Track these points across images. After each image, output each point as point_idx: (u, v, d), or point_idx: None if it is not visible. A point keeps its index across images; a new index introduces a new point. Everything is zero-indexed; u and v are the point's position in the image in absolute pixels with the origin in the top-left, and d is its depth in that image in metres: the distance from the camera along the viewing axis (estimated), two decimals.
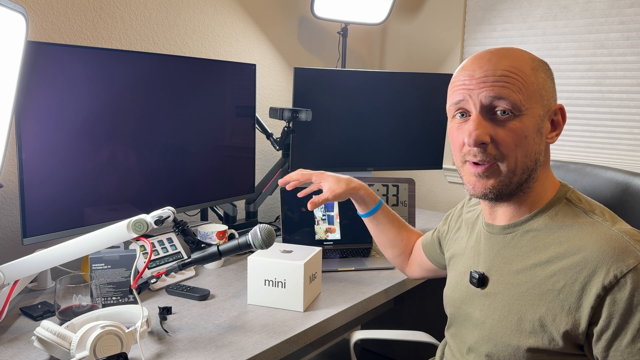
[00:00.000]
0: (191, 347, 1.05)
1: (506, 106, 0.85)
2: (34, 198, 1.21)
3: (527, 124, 0.86)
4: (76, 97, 1.27)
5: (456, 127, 0.91)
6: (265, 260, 1.24)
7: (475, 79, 0.87)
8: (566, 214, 0.89)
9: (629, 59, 1.99)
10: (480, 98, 0.86)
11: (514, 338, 0.88)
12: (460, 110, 0.90)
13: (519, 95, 0.85)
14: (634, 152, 2.01)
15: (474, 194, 0.91)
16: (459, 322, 1.03)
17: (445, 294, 1.09)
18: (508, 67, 0.86)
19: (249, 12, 2.06)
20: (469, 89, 0.87)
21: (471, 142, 0.86)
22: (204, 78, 1.58)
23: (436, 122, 2.11)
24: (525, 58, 0.88)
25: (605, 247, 0.81)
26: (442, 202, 2.56)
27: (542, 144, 0.89)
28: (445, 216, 1.23)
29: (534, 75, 0.87)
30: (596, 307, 0.80)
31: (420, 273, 1.33)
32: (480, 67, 0.88)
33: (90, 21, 1.56)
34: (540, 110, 0.87)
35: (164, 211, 1.10)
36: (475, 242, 1.02)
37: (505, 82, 0.85)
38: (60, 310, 1.11)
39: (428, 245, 1.26)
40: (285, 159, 1.94)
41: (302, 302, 1.22)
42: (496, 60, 0.87)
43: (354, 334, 1.44)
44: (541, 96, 0.87)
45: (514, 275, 0.90)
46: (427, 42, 2.52)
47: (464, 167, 0.91)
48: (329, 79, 1.93)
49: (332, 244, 1.69)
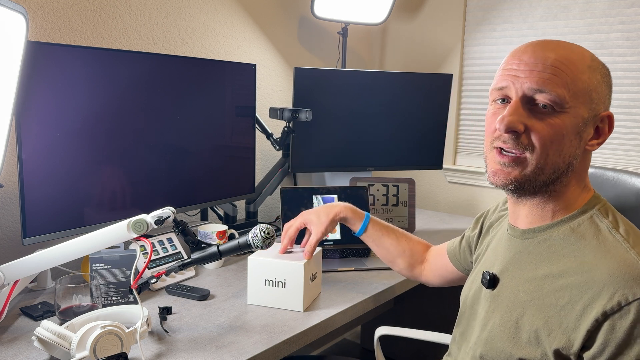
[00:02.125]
0: (191, 347, 1.05)
1: (547, 100, 0.81)
2: (34, 198, 1.21)
3: (567, 122, 0.81)
4: (76, 97, 1.27)
5: (492, 112, 0.88)
6: (265, 260, 1.24)
7: (523, 64, 0.83)
8: (588, 228, 0.84)
9: (629, 59, 1.99)
10: (524, 88, 0.82)
11: (509, 345, 0.86)
12: (502, 96, 0.86)
13: (563, 91, 0.80)
14: (634, 152, 2.01)
15: (494, 182, 0.87)
16: (467, 319, 1.02)
17: (463, 291, 1.08)
18: (560, 59, 0.82)
19: (249, 12, 2.06)
20: (514, 75, 0.83)
21: (502, 127, 0.82)
22: (204, 78, 1.58)
23: (436, 122, 2.11)
24: (584, 55, 0.84)
25: (616, 271, 0.76)
26: (442, 202, 2.56)
27: (580, 149, 0.85)
28: (475, 220, 1.18)
29: (587, 74, 0.82)
30: (592, 331, 0.76)
31: (441, 282, 1.28)
32: (532, 53, 0.83)
33: (90, 21, 1.56)
34: (585, 112, 0.82)
35: (164, 211, 1.10)
36: (496, 243, 1.00)
37: (552, 74, 0.81)
38: (60, 310, 1.11)
39: (455, 253, 1.22)
40: (285, 159, 1.94)
41: (302, 302, 1.22)
42: (550, 49, 0.83)
43: (378, 330, 1.42)
44: (590, 98, 0.83)
45: (523, 283, 0.88)
46: (427, 42, 2.52)
47: (490, 154, 0.88)
48: (329, 79, 1.93)
49: (332, 244, 1.69)
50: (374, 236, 1.30)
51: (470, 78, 2.42)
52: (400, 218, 1.93)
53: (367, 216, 1.30)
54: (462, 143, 2.49)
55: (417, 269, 1.31)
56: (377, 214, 1.92)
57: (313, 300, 1.30)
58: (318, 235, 1.25)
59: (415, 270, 1.31)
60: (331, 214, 1.27)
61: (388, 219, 1.93)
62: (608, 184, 1.17)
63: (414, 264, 1.30)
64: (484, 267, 1.00)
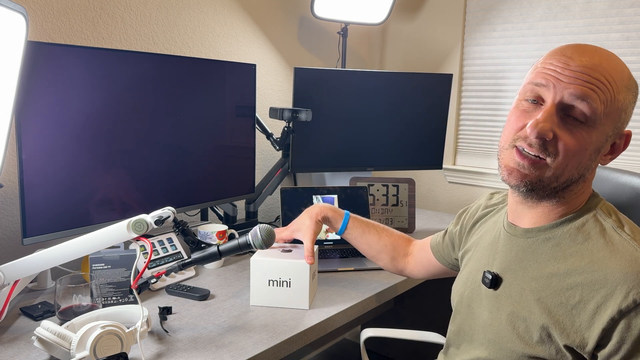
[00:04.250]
0: (191, 347, 1.05)
1: (585, 110, 0.79)
2: (34, 198, 1.21)
3: (594, 138, 0.81)
4: (76, 97, 1.27)
5: (522, 109, 0.85)
6: (269, 260, 1.23)
7: (569, 69, 0.80)
8: (593, 227, 0.85)
9: (629, 59, 1.99)
10: (564, 94, 0.80)
11: (520, 345, 0.86)
12: (535, 94, 0.84)
13: (601, 106, 0.79)
14: (634, 152, 2.01)
15: (508, 181, 0.86)
16: (465, 319, 1.02)
17: (454, 289, 1.07)
18: (606, 74, 0.80)
19: (249, 12, 2.06)
20: (557, 77, 0.81)
21: (535, 132, 0.80)
22: (204, 78, 1.58)
23: (436, 122, 2.11)
24: (625, 73, 0.82)
25: (629, 269, 0.77)
26: (442, 202, 2.56)
27: (595, 163, 0.85)
28: (457, 216, 1.20)
29: (624, 94, 0.82)
30: (608, 329, 0.77)
31: (425, 275, 1.31)
32: (581, 59, 0.80)
33: (90, 21, 1.56)
34: (610, 131, 0.83)
35: (164, 211, 1.10)
36: (492, 241, 1.00)
37: (597, 88, 0.79)
38: (60, 310, 1.11)
39: (439, 248, 1.24)
40: (285, 159, 1.94)
41: (308, 300, 1.23)
42: (599, 59, 0.80)
43: (363, 332, 1.43)
44: (619, 118, 0.83)
45: (528, 282, 0.88)
46: (427, 42, 2.52)
47: (508, 151, 0.86)
48: (329, 79, 1.93)
49: (332, 244, 1.69)
50: (355, 233, 1.32)
51: (470, 78, 2.42)
52: (400, 218, 1.93)
53: (347, 214, 1.33)
54: (462, 143, 2.49)
55: (400, 262, 1.33)
56: (377, 214, 1.92)
57: (314, 298, 1.30)
58: (310, 240, 1.26)
59: (399, 264, 1.33)
60: (313, 216, 1.29)
61: (388, 219, 1.93)
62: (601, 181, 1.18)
63: (396, 257, 1.32)
64: (481, 266, 0.99)
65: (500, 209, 1.06)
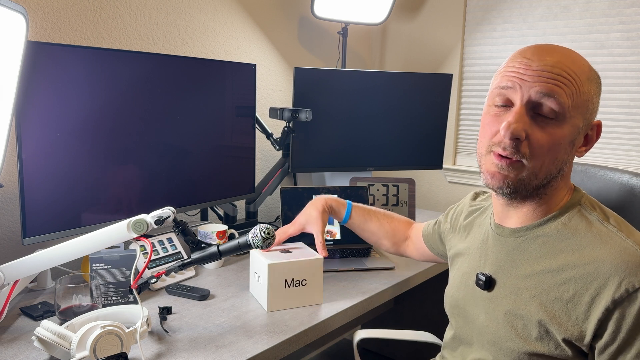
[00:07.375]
0: (191, 347, 1.05)
1: (553, 106, 0.81)
2: (34, 198, 1.21)
3: (566, 132, 0.83)
4: (76, 97, 1.27)
5: (492, 114, 0.87)
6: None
7: (532, 69, 0.83)
8: (579, 221, 0.87)
9: (629, 59, 1.99)
10: (531, 92, 0.82)
11: (519, 343, 0.87)
12: (503, 98, 0.86)
13: (568, 100, 0.82)
14: (634, 152, 2.01)
15: (491, 185, 0.88)
16: (461, 323, 1.02)
17: (448, 293, 1.08)
18: (567, 69, 0.82)
19: (249, 12, 2.06)
20: (522, 78, 0.83)
21: (508, 134, 0.82)
22: (204, 78, 1.58)
23: (436, 122, 2.11)
24: (584, 66, 0.85)
25: (619, 260, 0.79)
26: (442, 202, 2.56)
27: (571, 156, 0.87)
28: (445, 213, 1.23)
29: (587, 86, 0.84)
30: (603, 320, 0.79)
31: (422, 258, 1.37)
32: (541, 58, 0.83)
33: (90, 21, 1.56)
34: (580, 122, 0.85)
35: (164, 211, 1.10)
36: (482, 243, 1.01)
37: (561, 83, 0.81)
38: (60, 310, 1.11)
39: (429, 238, 1.29)
40: (285, 159, 1.94)
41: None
42: (558, 57, 0.83)
43: (357, 333, 1.43)
44: (587, 109, 0.85)
45: (522, 280, 0.89)
46: (427, 42, 2.52)
47: (486, 157, 0.88)
48: (329, 79, 1.93)
49: (333, 244, 1.69)
50: (359, 221, 1.37)
51: (470, 78, 2.42)
52: None
53: (349, 203, 1.37)
54: (462, 143, 2.49)
55: (401, 246, 1.40)
56: None
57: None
58: (320, 232, 1.29)
59: (399, 248, 1.40)
60: (319, 207, 1.32)
61: None
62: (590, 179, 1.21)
63: (397, 242, 1.39)
64: (474, 268, 1.00)
65: (484, 210, 1.07)
